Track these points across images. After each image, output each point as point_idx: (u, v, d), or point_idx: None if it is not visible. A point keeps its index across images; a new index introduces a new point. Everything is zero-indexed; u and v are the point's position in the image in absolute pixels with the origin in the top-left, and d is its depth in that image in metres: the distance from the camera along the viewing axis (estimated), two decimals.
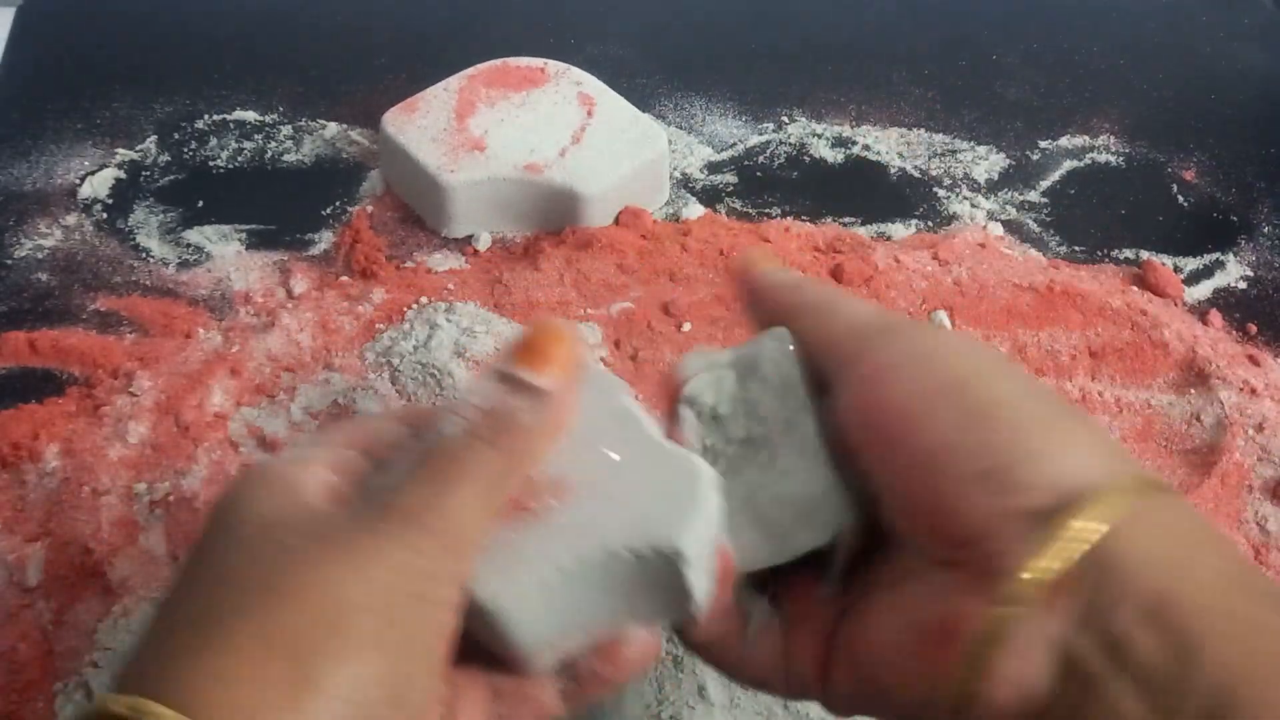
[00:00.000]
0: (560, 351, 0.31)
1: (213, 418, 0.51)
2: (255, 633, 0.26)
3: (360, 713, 0.26)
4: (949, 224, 0.63)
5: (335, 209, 0.62)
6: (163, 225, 0.61)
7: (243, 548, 0.28)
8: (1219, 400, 0.54)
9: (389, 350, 0.54)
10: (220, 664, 0.26)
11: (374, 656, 0.27)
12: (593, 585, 0.31)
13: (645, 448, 0.33)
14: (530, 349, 0.31)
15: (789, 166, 0.66)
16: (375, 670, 0.27)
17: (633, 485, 0.32)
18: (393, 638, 0.27)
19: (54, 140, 0.65)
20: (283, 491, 0.30)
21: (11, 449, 0.49)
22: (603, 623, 0.32)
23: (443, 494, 0.29)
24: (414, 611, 0.28)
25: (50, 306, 0.56)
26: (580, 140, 0.60)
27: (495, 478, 0.30)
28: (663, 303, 0.57)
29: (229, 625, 0.26)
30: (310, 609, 0.27)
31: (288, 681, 0.25)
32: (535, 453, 0.31)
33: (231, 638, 0.26)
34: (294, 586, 0.27)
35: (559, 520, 0.31)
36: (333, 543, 0.28)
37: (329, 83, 0.69)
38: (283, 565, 0.27)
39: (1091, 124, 0.70)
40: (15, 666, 0.43)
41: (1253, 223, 0.65)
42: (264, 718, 0.25)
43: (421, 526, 0.28)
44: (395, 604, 0.27)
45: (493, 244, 0.60)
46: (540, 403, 0.31)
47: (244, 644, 0.26)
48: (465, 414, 0.30)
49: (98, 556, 0.46)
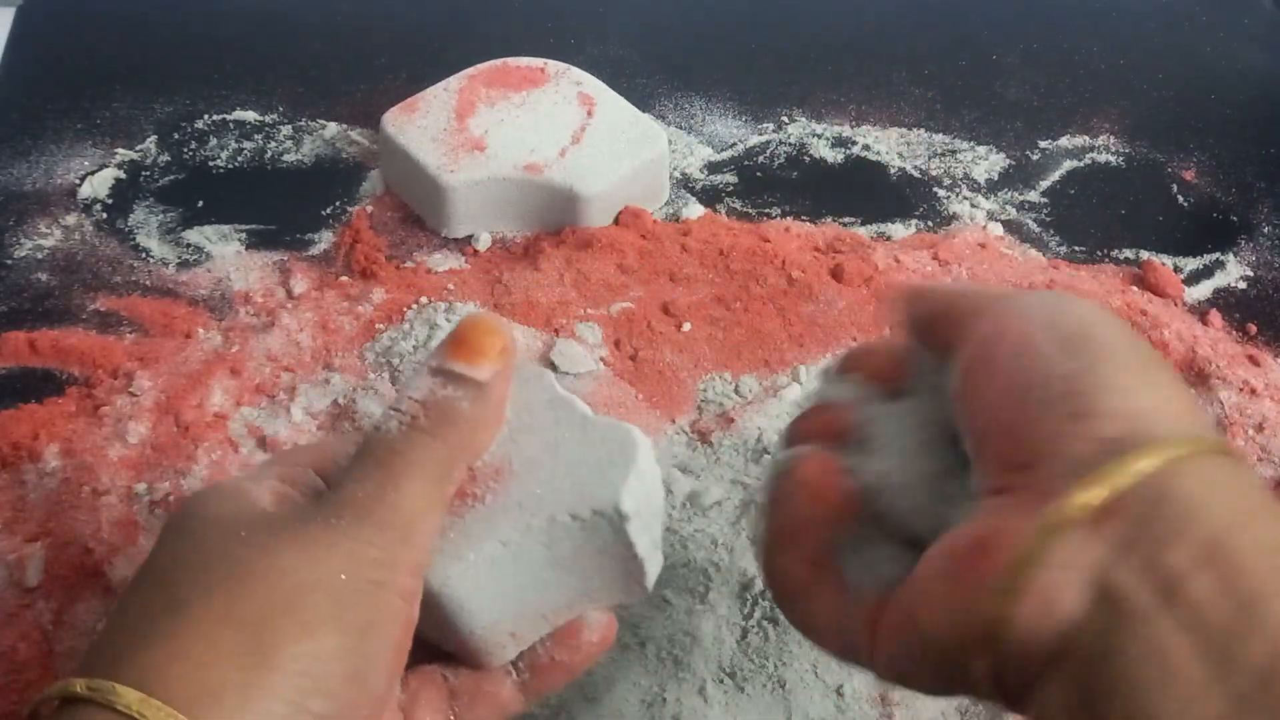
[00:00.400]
0: (493, 343, 0.32)
1: (213, 418, 0.51)
2: (212, 614, 0.27)
3: (317, 686, 0.27)
4: (949, 224, 0.63)
5: (335, 209, 0.62)
6: (163, 225, 0.61)
7: (198, 542, 0.29)
8: (1219, 400, 0.54)
9: (389, 350, 0.54)
10: (178, 644, 0.27)
11: (329, 635, 0.27)
12: (542, 562, 0.31)
13: (579, 425, 0.33)
14: (462, 343, 0.32)
15: (789, 166, 0.66)
16: (331, 647, 0.27)
17: (571, 460, 0.32)
18: (348, 619, 0.28)
19: (54, 140, 0.65)
20: (235, 496, 0.31)
21: (11, 449, 0.49)
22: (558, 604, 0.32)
23: (388, 486, 0.30)
24: (368, 596, 0.28)
25: (50, 306, 0.56)
26: (580, 140, 0.60)
27: (439, 467, 0.31)
28: (663, 303, 0.57)
29: (186, 609, 0.27)
30: (266, 591, 0.27)
31: (245, 657, 0.26)
32: (477, 442, 0.32)
33: (189, 620, 0.27)
34: (249, 572, 0.28)
35: (502, 502, 0.32)
36: (286, 532, 0.29)
37: (329, 83, 0.69)
38: (238, 555, 0.28)
39: (1091, 124, 0.70)
40: (15, 666, 0.43)
41: (1253, 223, 0.65)
42: (223, 692, 0.26)
43: (371, 519, 0.29)
44: (349, 588, 0.28)
45: (493, 244, 0.60)
46: (478, 393, 0.32)
47: (201, 625, 0.27)
48: (403, 408, 0.31)
49: (98, 556, 0.46)
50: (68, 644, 0.44)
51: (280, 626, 0.27)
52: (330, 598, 0.28)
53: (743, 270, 0.58)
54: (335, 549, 0.29)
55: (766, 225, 0.62)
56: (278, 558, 0.28)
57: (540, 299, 0.56)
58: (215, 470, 0.49)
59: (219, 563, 0.28)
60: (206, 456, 0.50)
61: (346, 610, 0.28)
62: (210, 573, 0.28)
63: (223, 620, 0.27)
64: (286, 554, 0.28)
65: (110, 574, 0.46)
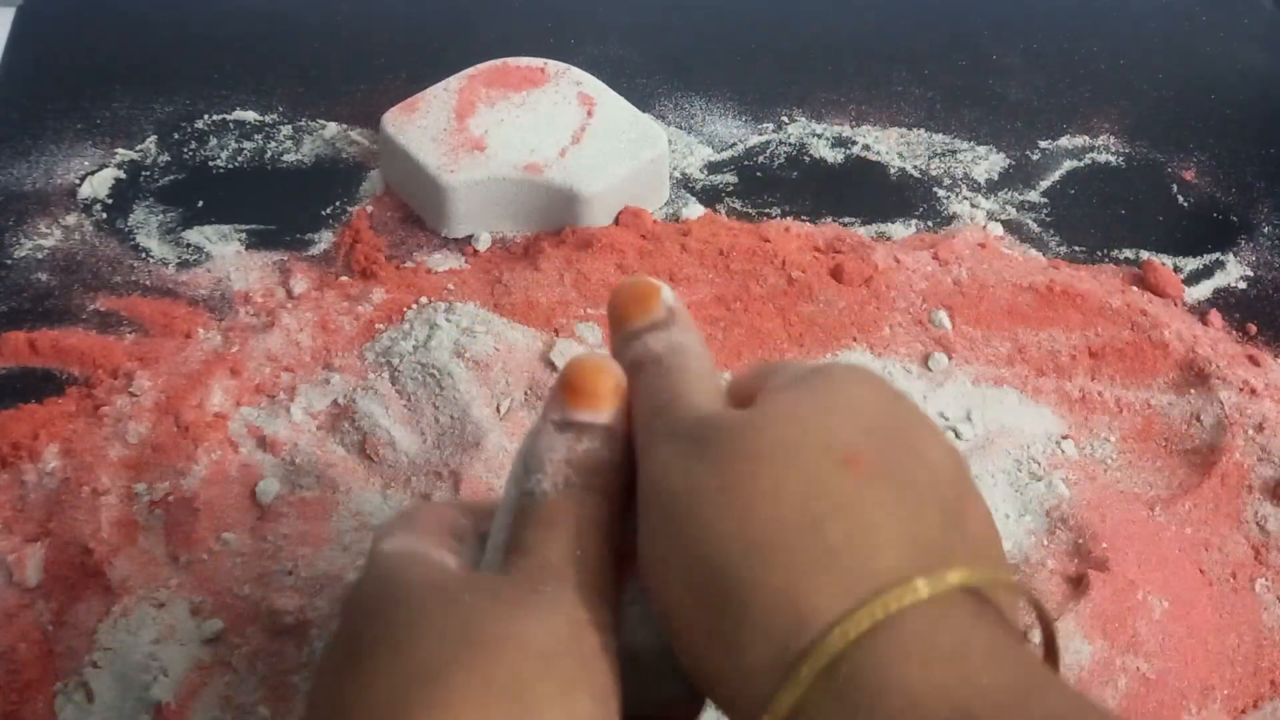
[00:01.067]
0: (606, 383, 0.31)
1: (213, 418, 0.51)
2: (474, 685, 0.26)
3: None
4: (949, 224, 0.63)
5: (335, 209, 0.62)
6: (163, 225, 0.61)
7: (422, 608, 0.28)
8: (1219, 400, 0.54)
9: (389, 350, 0.54)
10: (448, 715, 0.25)
11: (582, 698, 0.27)
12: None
13: None
14: (579, 390, 0.31)
15: (789, 166, 0.66)
16: (584, 710, 0.27)
17: None
18: (595, 681, 0.27)
19: (54, 140, 0.65)
20: (424, 564, 0.30)
21: (11, 449, 0.49)
22: None
23: (574, 548, 0.29)
24: (602, 660, 0.28)
25: (50, 306, 0.56)
26: (580, 140, 0.60)
27: (608, 522, 0.30)
28: None
29: (446, 680, 0.26)
30: (516, 656, 0.26)
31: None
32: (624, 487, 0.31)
33: (450, 690, 0.26)
34: (492, 638, 0.27)
35: None
36: (508, 600, 0.28)
37: (329, 83, 0.69)
38: (473, 621, 0.27)
39: (1091, 124, 0.70)
40: (15, 666, 0.43)
41: (1253, 223, 0.65)
42: None
43: (572, 583, 0.29)
44: (583, 650, 0.28)
45: (493, 244, 0.60)
46: (608, 437, 0.31)
47: (468, 697, 0.26)
48: (549, 470, 0.30)
49: (98, 556, 0.46)
50: (68, 644, 0.44)
51: (542, 693, 0.26)
52: (573, 660, 0.27)
53: (743, 270, 0.58)
54: (557, 612, 0.28)
55: (766, 225, 0.62)
56: (514, 623, 0.27)
57: (540, 299, 0.56)
58: (215, 470, 0.49)
59: (458, 629, 0.27)
60: (206, 456, 0.50)
61: (591, 674, 0.27)
62: (453, 640, 0.27)
63: (485, 690, 0.26)
64: (520, 619, 0.27)
65: (110, 574, 0.46)
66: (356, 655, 0.28)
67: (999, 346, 0.56)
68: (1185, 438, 0.54)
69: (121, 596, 0.45)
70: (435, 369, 0.52)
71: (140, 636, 0.44)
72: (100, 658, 0.44)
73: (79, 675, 0.43)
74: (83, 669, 0.43)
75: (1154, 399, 0.55)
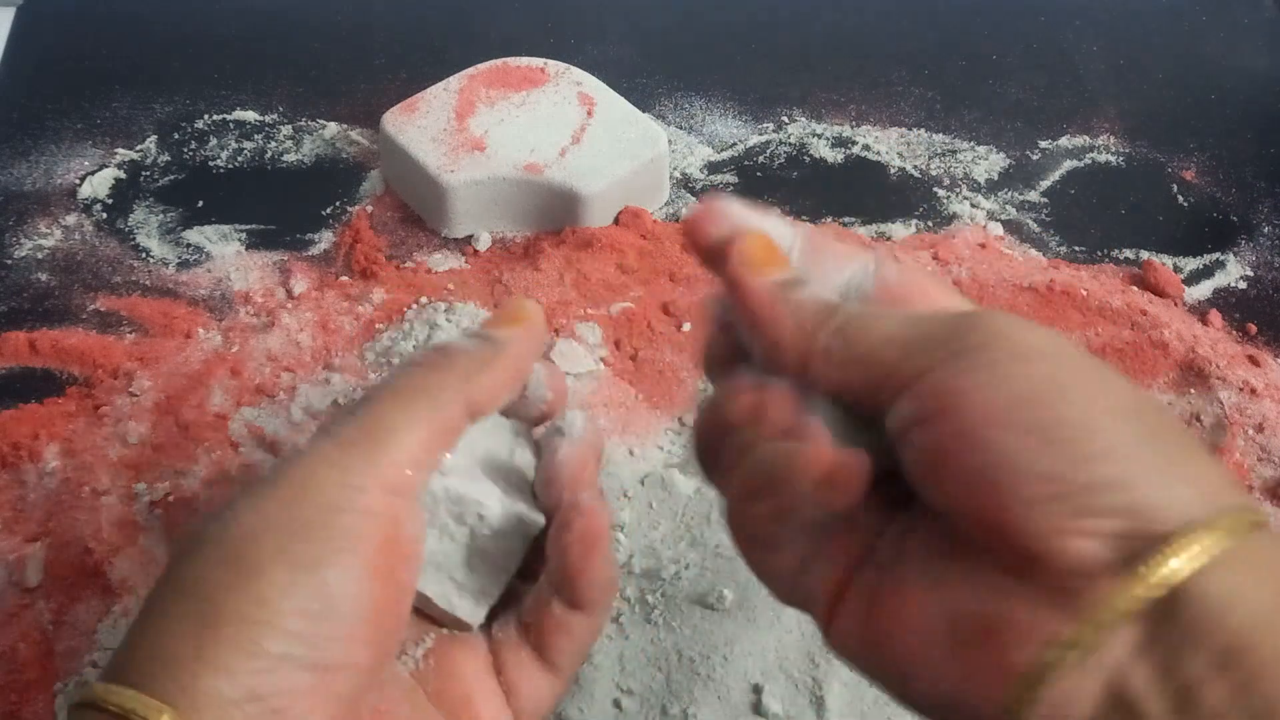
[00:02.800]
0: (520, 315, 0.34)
1: (213, 418, 0.51)
2: (165, 591, 0.27)
3: (270, 628, 0.26)
4: (949, 224, 0.63)
5: (335, 209, 0.62)
6: (163, 225, 0.61)
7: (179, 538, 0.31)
8: (1219, 400, 0.54)
9: (389, 350, 0.54)
10: (139, 631, 0.27)
11: (275, 572, 0.27)
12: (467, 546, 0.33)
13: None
14: (496, 317, 0.34)
15: (789, 166, 0.66)
16: (278, 585, 0.27)
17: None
18: (297, 551, 0.27)
19: (54, 140, 0.65)
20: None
21: (11, 449, 0.50)
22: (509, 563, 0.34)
23: (361, 406, 0.30)
24: (319, 522, 0.28)
25: (50, 306, 0.56)
26: (580, 140, 0.60)
27: (427, 392, 0.31)
28: (663, 303, 0.57)
29: (153, 594, 0.28)
30: (210, 552, 0.28)
31: (192, 623, 0.26)
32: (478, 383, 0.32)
33: (151, 605, 0.27)
34: (200, 539, 0.28)
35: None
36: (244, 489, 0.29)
37: (329, 83, 0.69)
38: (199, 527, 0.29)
39: (1091, 124, 0.70)
40: (15, 666, 0.44)
41: (1253, 223, 0.65)
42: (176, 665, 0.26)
43: (335, 438, 0.29)
44: (295, 518, 0.28)
45: (493, 244, 0.60)
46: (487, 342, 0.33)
47: (158, 606, 0.27)
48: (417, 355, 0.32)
49: (98, 556, 0.46)
50: (68, 644, 0.44)
51: (222, 580, 0.27)
52: (278, 536, 0.27)
53: None
54: (285, 484, 0.28)
55: None
56: (222, 521, 0.28)
57: (540, 299, 0.56)
58: (215, 470, 0.49)
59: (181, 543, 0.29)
60: (206, 456, 0.50)
61: (297, 541, 0.27)
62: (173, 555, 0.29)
63: (171, 596, 0.27)
64: (233, 512, 0.28)
65: (110, 574, 0.46)
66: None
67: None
68: None
69: (121, 596, 0.45)
70: None
71: None
72: (100, 658, 0.44)
73: (79, 675, 0.43)
74: (83, 669, 0.43)
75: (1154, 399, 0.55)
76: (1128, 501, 0.25)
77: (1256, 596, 0.24)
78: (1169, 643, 0.24)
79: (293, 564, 0.27)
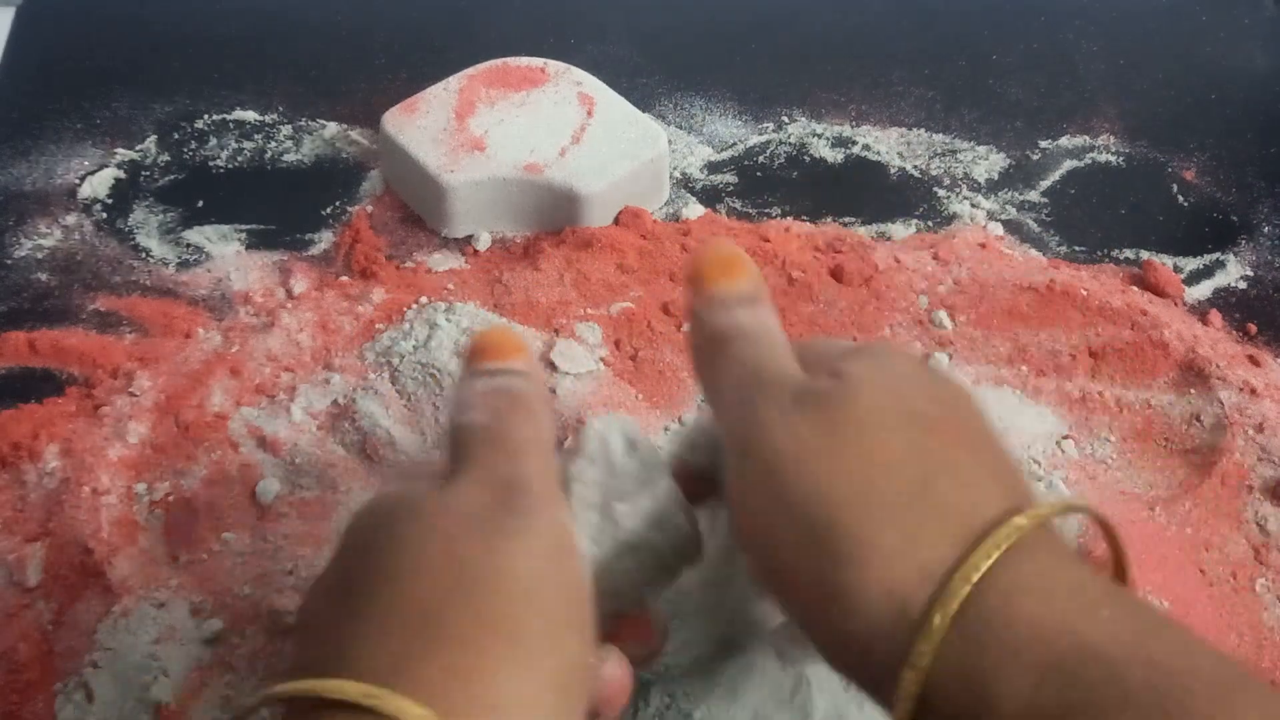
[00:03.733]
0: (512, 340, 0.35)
1: (213, 418, 0.51)
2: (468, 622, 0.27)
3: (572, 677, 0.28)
4: (949, 224, 0.63)
5: (335, 209, 0.62)
6: (163, 225, 0.61)
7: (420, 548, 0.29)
8: (1219, 400, 0.54)
9: (389, 350, 0.54)
10: (448, 658, 0.26)
11: (567, 633, 0.28)
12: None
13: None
14: (484, 349, 0.34)
15: (789, 166, 0.66)
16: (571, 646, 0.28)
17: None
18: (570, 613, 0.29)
19: (54, 140, 0.65)
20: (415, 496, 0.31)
21: (11, 449, 0.50)
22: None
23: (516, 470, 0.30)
24: (576, 587, 0.29)
25: (50, 306, 0.56)
26: (580, 140, 0.60)
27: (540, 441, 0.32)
28: (663, 303, 0.57)
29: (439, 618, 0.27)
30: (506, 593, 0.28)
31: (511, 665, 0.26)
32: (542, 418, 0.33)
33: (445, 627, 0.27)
34: (481, 575, 0.28)
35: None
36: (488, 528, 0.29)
37: (329, 83, 0.69)
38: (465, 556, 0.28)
39: (1091, 124, 0.70)
40: (15, 666, 0.43)
41: (1253, 223, 0.65)
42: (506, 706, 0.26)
43: (537, 500, 0.30)
44: (563, 579, 0.29)
45: (493, 244, 0.60)
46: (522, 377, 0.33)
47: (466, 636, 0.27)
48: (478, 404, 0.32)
49: (98, 556, 0.46)
50: (68, 644, 0.44)
51: (533, 629, 0.27)
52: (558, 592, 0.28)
53: None
54: (534, 540, 0.29)
55: (766, 225, 0.62)
56: (499, 556, 0.28)
57: (540, 299, 0.56)
58: (215, 470, 0.49)
59: (446, 565, 0.28)
60: (206, 456, 0.50)
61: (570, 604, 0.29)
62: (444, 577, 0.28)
63: (479, 628, 0.27)
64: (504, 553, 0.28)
65: (110, 574, 0.46)
66: (353, 594, 0.28)
67: (999, 347, 0.56)
68: (1185, 438, 0.54)
69: (121, 596, 0.45)
70: (435, 369, 0.52)
71: (140, 636, 0.44)
72: (100, 658, 0.44)
73: (79, 675, 0.43)
74: (83, 669, 0.43)
75: (1154, 399, 0.55)
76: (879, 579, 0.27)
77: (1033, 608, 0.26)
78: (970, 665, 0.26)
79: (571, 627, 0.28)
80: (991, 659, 0.25)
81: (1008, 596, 0.26)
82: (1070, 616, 0.25)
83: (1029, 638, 0.25)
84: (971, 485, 0.28)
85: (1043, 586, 0.26)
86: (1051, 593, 0.26)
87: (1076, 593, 0.26)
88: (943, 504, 0.28)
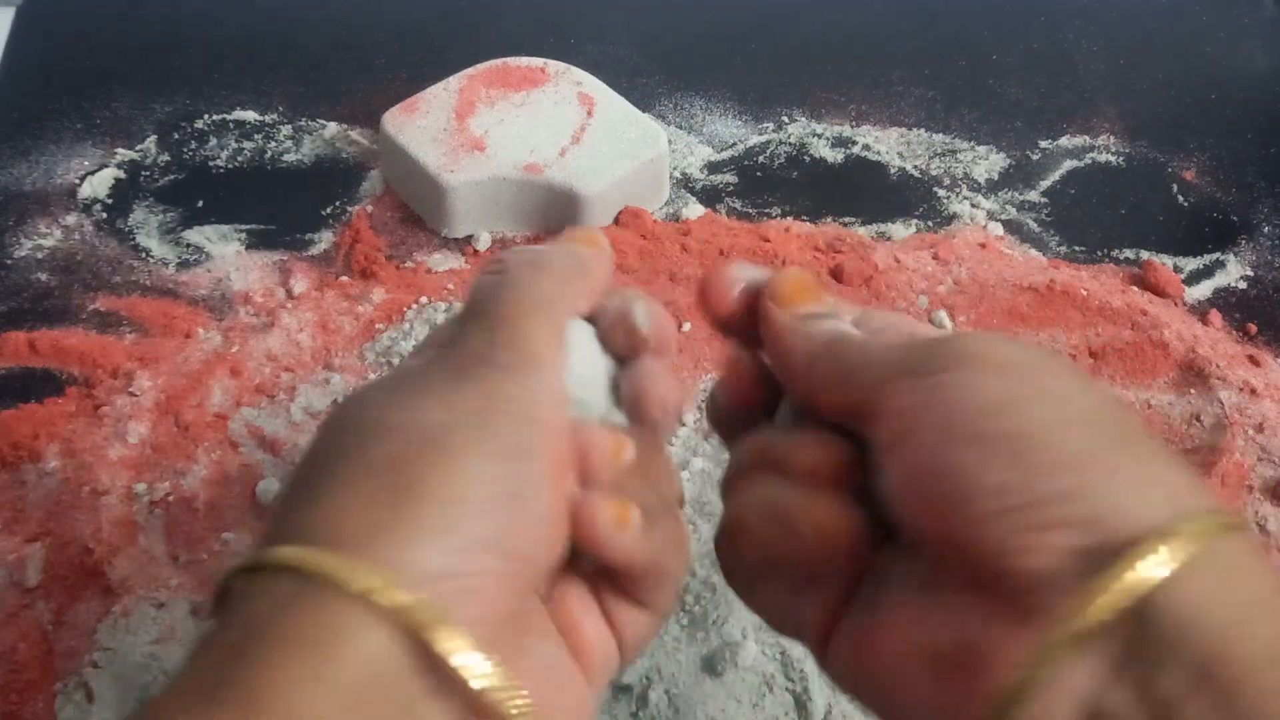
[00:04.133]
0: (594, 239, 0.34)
1: (213, 418, 0.51)
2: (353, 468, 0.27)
3: (469, 508, 0.26)
4: (949, 224, 0.63)
5: (335, 209, 0.62)
6: (163, 225, 0.61)
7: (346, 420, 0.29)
8: (1219, 400, 0.54)
9: (389, 350, 0.54)
10: (327, 501, 0.26)
11: (474, 459, 0.27)
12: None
13: None
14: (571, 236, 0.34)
15: (789, 166, 0.66)
16: (477, 470, 0.27)
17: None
18: (492, 445, 0.27)
19: (54, 140, 0.65)
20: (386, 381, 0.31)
21: (11, 449, 0.50)
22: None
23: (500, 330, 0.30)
24: (510, 426, 0.28)
25: (50, 306, 0.56)
26: (580, 140, 0.60)
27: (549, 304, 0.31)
28: (663, 303, 0.57)
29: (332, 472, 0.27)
30: (405, 437, 0.27)
31: (390, 494, 0.26)
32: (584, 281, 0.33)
33: (334, 479, 0.27)
34: (387, 426, 0.28)
35: None
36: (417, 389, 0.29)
37: (329, 83, 0.69)
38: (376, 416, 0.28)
39: (1091, 124, 0.70)
40: (15, 666, 0.43)
41: (1253, 223, 0.65)
42: (375, 531, 0.26)
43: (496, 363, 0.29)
44: (488, 420, 0.28)
45: (493, 244, 0.60)
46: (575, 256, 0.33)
47: (346, 481, 0.27)
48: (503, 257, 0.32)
49: (98, 556, 0.46)
50: (68, 644, 0.44)
51: (423, 460, 0.27)
52: (469, 428, 0.28)
53: None
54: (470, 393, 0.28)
55: (766, 225, 0.62)
56: (413, 411, 0.28)
57: None
58: (215, 470, 0.49)
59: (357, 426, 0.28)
60: (206, 456, 0.50)
61: (489, 437, 0.28)
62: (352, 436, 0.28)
63: (365, 471, 0.27)
64: (421, 404, 0.28)
65: (110, 574, 0.46)
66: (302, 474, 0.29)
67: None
68: (1185, 438, 0.54)
69: (121, 596, 0.45)
70: None
71: (140, 636, 0.44)
72: (100, 658, 0.44)
73: (79, 675, 0.43)
74: (83, 669, 0.43)
75: (1154, 399, 0.55)
76: (1085, 512, 0.24)
77: (1229, 602, 0.23)
78: (1144, 659, 0.23)
79: (488, 456, 0.27)
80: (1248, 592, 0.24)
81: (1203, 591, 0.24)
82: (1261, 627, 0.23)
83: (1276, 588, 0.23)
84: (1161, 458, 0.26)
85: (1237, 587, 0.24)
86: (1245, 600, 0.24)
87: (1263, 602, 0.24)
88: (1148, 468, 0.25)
